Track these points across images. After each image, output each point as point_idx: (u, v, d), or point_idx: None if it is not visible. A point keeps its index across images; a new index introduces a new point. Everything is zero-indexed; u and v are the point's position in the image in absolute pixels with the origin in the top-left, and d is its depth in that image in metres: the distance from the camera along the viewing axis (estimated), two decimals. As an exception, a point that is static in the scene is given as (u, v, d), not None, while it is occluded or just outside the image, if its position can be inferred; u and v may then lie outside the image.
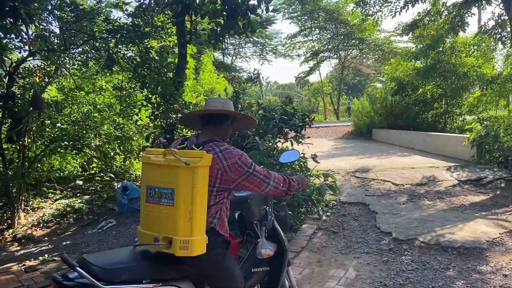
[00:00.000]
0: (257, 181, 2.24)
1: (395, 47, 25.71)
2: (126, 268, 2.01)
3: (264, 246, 2.55)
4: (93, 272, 1.88)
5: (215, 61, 21.84)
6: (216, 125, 2.36)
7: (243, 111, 6.94)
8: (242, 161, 2.19)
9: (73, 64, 7.91)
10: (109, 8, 7.64)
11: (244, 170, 2.19)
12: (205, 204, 2.08)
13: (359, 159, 10.54)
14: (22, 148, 6.86)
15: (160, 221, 2.10)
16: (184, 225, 2.01)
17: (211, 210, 2.17)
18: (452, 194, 6.91)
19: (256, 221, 2.66)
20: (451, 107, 14.06)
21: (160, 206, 2.09)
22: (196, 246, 2.01)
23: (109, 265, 1.98)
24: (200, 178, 2.03)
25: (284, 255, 2.72)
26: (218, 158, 2.15)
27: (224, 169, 2.15)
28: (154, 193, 2.13)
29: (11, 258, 5.40)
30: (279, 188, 2.33)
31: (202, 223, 2.06)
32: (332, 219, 5.96)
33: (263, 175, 2.26)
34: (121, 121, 8.61)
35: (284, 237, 2.77)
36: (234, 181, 2.19)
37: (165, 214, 2.08)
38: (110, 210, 7.26)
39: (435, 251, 4.55)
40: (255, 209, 2.68)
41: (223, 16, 6.46)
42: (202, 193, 2.06)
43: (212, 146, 2.20)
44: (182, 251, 1.99)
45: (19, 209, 6.78)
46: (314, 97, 35.44)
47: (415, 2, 11.02)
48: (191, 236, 2.00)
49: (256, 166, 2.27)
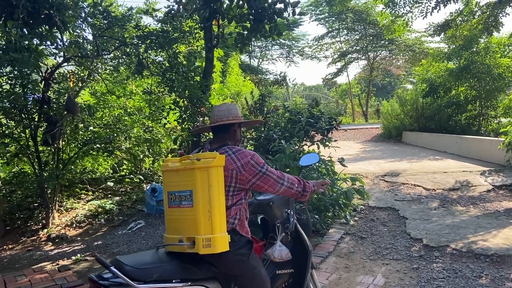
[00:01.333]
0: (271, 181, 2.34)
1: (426, 48, 25.07)
2: (157, 268, 2.11)
3: (275, 250, 2.58)
4: (126, 272, 1.98)
5: (242, 64, 21.94)
6: (225, 132, 2.48)
7: (269, 114, 6.95)
8: (255, 160, 2.31)
9: (105, 69, 8.15)
10: (140, 14, 7.81)
11: (257, 169, 2.30)
12: (223, 202, 2.17)
13: (389, 162, 10.33)
14: (57, 150, 7.10)
15: (183, 223, 2.21)
16: (205, 224, 2.10)
17: (231, 211, 2.26)
18: (486, 200, 6.67)
19: (278, 223, 2.69)
20: (485, 109, 13.58)
21: (181, 209, 2.21)
22: (218, 243, 2.09)
23: (141, 265, 2.08)
24: (215, 177, 2.13)
25: (308, 257, 2.73)
26: (231, 159, 2.28)
27: (238, 169, 2.26)
28: (175, 198, 2.25)
29: (45, 257, 5.60)
30: (293, 188, 2.42)
31: (222, 221, 2.15)
32: (360, 224, 5.88)
33: (276, 175, 2.36)
34: (150, 124, 8.79)
35: (307, 239, 2.79)
36: (248, 181, 2.29)
37: (186, 216, 2.18)
38: (139, 211, 7.42)
39: (468, 259, 4.41)
40: (277, 212, 2.72)
41: (250, 20, 6.49)
42: (219, 192, 2.15)
43: (225, 149, 2.33)
44: (206, 249, 2.08)
45: (54, 210, 7.02)
46: (342, 98, 35.06)
47: (447, 2, 10.72)
48: (213, 234, 2.09)
49: (269, 167, 2.37)
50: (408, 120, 15.57)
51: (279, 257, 2.56)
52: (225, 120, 2.43)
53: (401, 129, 15.98)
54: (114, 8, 7.60)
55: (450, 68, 13.49)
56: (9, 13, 5.11)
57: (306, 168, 4.45)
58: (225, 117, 2.44)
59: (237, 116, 2.47)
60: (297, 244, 2.75)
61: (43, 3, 5.28)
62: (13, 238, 6.51)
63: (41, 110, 6.55)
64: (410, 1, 11.26)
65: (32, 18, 5.42)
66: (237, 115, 2.47)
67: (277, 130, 6.02)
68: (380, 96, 37.99)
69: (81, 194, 8.23)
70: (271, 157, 5.41)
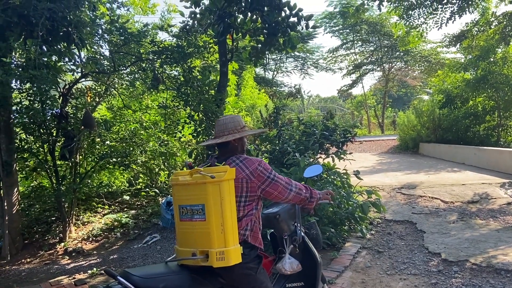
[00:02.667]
0: (280, 187, 2.37)
1: (442, 58, 24.82)
2: (165, 278, 2.13)
3: (285, 263, 2.56)
4: (134, 282, 2.01)
5: (257, 77, 22.09)
6: (226, 147, 2.52)
7: (283, 127, 6.94)
8: (262, 166, 2.35)
9: (121, 84, 8.29)
10: (155, 30, 7.96)
11: (266, 175, 2.34)
12: (234, 215, 2.19)
13: (405, 174, 10.18)
14: (74, 164, 7.21)
15: (195, 236, 2.23)
16: (218, 237, 2.12)
17: (242, 222, 2.27)
18: (507, 213, 6.49)
19: (286, 236, 2.69)
20: (504, 119, 13.31)
21: (194, 223, 2.23)
22: (231, 256, 2.11)
23: (148, 275, 2.10)
24: (226, 190, 2.16)
25: (317, 270, 2.70)
26: (240, 168, 2.31)
27: (247, 176, 2.30)
28: (187, 211, 2.27)
29: (62, 271, 5.65)
30: (302, 194, 2.47)
31: (235, 233, 2.17)
32: (376, 237, 5.77)
33: (284, 181, 2.40)
34: (165, 137, 8.88)
35: (315, 252, 2.77)
36: (258, 187, 2.33)
37: (199, 229, 2.20)
38: (155, 225, 7.45)
39: (488, 274, 4.28)
40: (284, 225, 2.72)
41: (264, 34, 6.55)
42: (231, 205, 2.17)
43: (233, 159, 2.38)
44: (219, 262, 2.10)
45: (71, 223, 7.11)
46: (357, 110, 34.81)
47: (462, 13, 10.64)
48: (226, 247, 2.11)
49: (276, 173, 2.40)
50: (425, 132, 15.36)
51: (290, 269, 2.55)
52: (222, 137, 2.48)
53: (417, 141, 15.75)
54: (130, 24, 7.78)
55: (467, 78, 13.30)
56: (29, 31, 5.28)
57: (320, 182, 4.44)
58: (221, 133, 2.50)
59: (233, 130, 2.49)
60: (306, 256, 2.74)
61: (62, 21, 5.43)
62: (31, 252, 6.60)
63: (59, 125, 6.69)
64: (424, 12, 11.21)
65: (51, 36, 5.58)
66: (234, 128, 2.50)
67: (291, 143, 6.01)
68: (396, 107, 37.62)
69: (97, 207, 8.32)
70: (286, 170, 5.39)
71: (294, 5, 6.11)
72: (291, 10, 6.15)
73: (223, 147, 2.53)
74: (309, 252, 2.75)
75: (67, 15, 5.57)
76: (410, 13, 11.34)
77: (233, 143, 2.51)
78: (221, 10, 6.29)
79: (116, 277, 2.00)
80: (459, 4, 10.46)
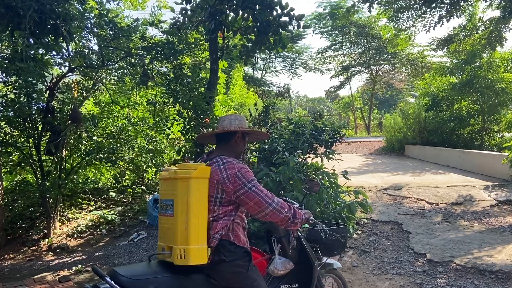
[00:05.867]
0: (257, 198, 2.19)
1: (429, 62, 25.16)
2: (154, 279, 2.09)
3: (277, 263, 2.55)
4: (122, 283, 1.97)
5: (245, 76, 22.05)
6: (226, 142, 2.46)
7: (272, 126, 6.95)
8: (242, 173, 2.23)
9: (109, 80, 8.19)
10: (145, 25, 7.87)
11: (242, 182, 2.20)
12: (203, 214, 2.15)
13: (391, 176, 10.29)
14: (60, 160, 7.10)
15: (166, 231, 2.26)
16: (181, 234, 2.11)
17: (218, 225, 2.20)
18: (490, 215, 6.62)
19: (273, 237, 2.67)
20: (488, 123, 13.56)
21: (166, 217, 2.25)
22: (192, 254, 2.07)
23: (137, 276, 2.07)
24: (195, 188, 2.13)
25: (313, 272, 2.70)
26: (219, 169, 2.24)
27: (223, 179, 2.21)
28: (163, 206, 2.29)
29: (46, 267, 5.56)
30: (283, 213, 2.24)
31: (201, 233, 2.13)
32: (363, 237, 5.83)
33: (264, 194, 2.22)
34: (153, 134, 8.80)
35: (311, 254, 2.75)
36: (234, 193, 2.22)
37: (168, 225, 2.23)
38: (141, 222, 7.38)
39: (472, 275, 4.36)
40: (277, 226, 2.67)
41: (255, 33, 6.54)
42: (199, 203, 2.14)
43: (217, 159, 2.30)
44: (180, 260, 2.08)
45: (55, 219, 7.00)
46: (344, 111, 35.05)
47: (450, 17, 10.80)
48: (188, 245, 2.08)
49: (259, 185, 2.25)
50: (410, 134, 15.56)
51: (283, 268, 2.54)
52: (225, 128, 2.43)
53: (403, 143, 15.95)
54: (120, 19, 7.68)
55: (453, 82, 13.52)
56: (16, 23, 5.17)
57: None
58: (226, 127, 2.44)
59: (240, 127, 2.44)
60: (302, 258, 2.73)
61: (50, 13, 5.34)
62: (14, 248, 6.48)
63: (45, 120, 6.57)
64: (413, 15, 11.34)
65: (38, 28, 5.48)
66: (240, 126, 2.45)
67: (280, 142, 6.01)
68: (382, 109, 38.02)
69: (83, 204, 8.21)
70: (275, 169, 5.40)
71: (286, 5, 6.11)
72: (283, 10, 6.15)
73: (223, 142, 2.47)
74: (305, 254, 2.73)
75: (56, 7, 5.48)
76: (399, 16, 11.45)
77: (234, 140, 2.45)
78: (212, 8, 6.25)
79: (104, 278, 1.96)
80: (448, 8, 10.61)
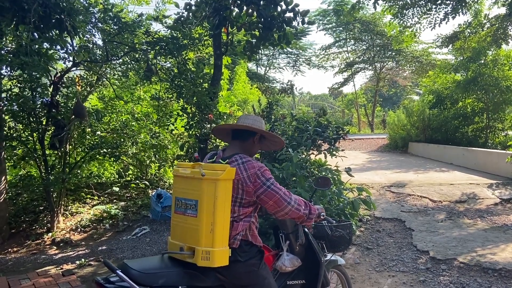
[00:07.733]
0: (277, 197, 2.24)
1: (433, 59, 25.03)
2: (164, 273, 2.09)
3: (285, 260, 2.55)
4: (133, 276, 1.98)
5: (249, 72, 22.03)
6: (243, 140, 2.45)
7: (276, 123, 6.93)
8: (261, 172, 2.25)
9: (114, 75, 8.18)
10: (149, 21, 7.85)
11: (261, 181, 2.22)
12: (227, 216, 2.13)
13: (395, 173, 10.27)
14: (64, 154, 7.11)
15: (186, 231, 2.19)
16: (207, 236, 2.08)
17: (238, 226, 2.21)
18: (494, 213, 6.60)
19: (281, 233, 2.68)
20: (492, 121, 13.50)
21: (186, 217, 2.19)
22: (217, 257, 2.06)
23: (147, 270, 2.07)
24: (222, 190, 2.10)
25: (319, 269, 2.70)
26: (239, 169, 2.23)
27: (244, 179, 2.22)
28: (181, 204, 2.23)
29: (49, 261, 5.59)
30: (301, 210, 2.33)
31: (224, 235, 2.12)
32: (366, 234, 5.83)
33: (283, 192, 2.27)
34: (157, 130, 8.80)
35: (318, 251, 2.76)
36: (254, 193, 2.23)
37: (189, 225, 2.17)
38: (144, 217, 7.41)
39: (475, 273, 4.35)
40: (288, 222, 2.69)
41: (259, 28, 6.51)
42: (225, 205, 2.11)
43: (236, 158, 2.29)
44: (204, 261, 2.06)
45: (59, 214, 7.02)
46: (347, 108, 34.98)
47: (455, 14, 10.73)
48: (213, 247, 2.06)
49: (277, 183, 2.28)
50: (414, 131, 15.51)
51: (291, 265, 2.54)
52: (250, 126, 2.42)
53: (407, 140, 15.91)
54: (125, 14, 7.64)
55: (457, 80, 13.45)
56: (20, 17, 5.17)
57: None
58: (250, 124, 2.44)
59: (260, 129, 2.46)
60: (309, 255, 2.73)
61: (55, 8, 5.34)
62: (18, 241, 6.51)
63: (49, 114, 6.58)
64: (418, 12, 11.28)
65: (43, 23, 5.48)
66: (261, 128, 2.47)
67: (284, 139, 6.00)
68: (386, 106, 37.91)
69: (86, 198, 8.23)
70: (278, 165, 5.39)
71: (291, 0, 6.08)
72: (288, 5, 6.12)
73: (240, 139, 2.46)
74: (312, 251, 2.74)
75: (60, 2, 5.48)
76: (404, 13, 11.40)
77: (252, 140, 2.46)
78: (216, 3, 6.23)
79: (115, 271, 1.97)
80: (453, 5, 10.54)
